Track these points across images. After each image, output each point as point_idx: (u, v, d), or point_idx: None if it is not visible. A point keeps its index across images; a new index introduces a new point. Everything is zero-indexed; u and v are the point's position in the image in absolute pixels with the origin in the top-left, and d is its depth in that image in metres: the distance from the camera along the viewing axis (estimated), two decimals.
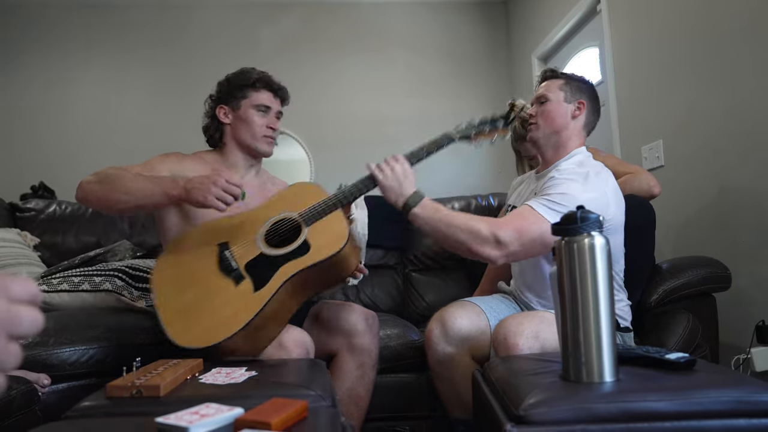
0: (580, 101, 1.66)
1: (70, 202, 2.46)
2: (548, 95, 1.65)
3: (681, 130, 2.44)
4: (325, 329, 1.63)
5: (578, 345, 1.02)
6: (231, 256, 1.44)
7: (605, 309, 1.02)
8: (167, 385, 1.03)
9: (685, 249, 2.36)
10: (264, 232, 1.49)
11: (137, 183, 1.44)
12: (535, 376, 1.08)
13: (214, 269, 1.43)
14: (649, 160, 2.66)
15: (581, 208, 1.07)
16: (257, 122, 1.70)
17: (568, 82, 1.67)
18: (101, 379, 1.65)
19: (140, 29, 4.35)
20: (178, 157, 1.67)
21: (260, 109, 1.71)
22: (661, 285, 1.79)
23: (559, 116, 1.63)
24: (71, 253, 2.26)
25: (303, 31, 4.49)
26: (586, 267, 1.03)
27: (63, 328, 1.68)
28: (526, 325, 1.38)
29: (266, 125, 1.71)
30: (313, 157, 4.45)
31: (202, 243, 1.50)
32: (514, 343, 1.34)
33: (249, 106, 1.71)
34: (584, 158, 1.61)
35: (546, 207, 1.42)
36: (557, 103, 1.64)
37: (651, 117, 2.66)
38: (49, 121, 4.18)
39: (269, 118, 1.72)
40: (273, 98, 1.74)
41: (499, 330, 1.40)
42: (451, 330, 1.55)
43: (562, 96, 1.65)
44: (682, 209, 2.43)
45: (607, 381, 1.01)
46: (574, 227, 1.05)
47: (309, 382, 1.12)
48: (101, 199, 1.46)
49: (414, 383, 1.92)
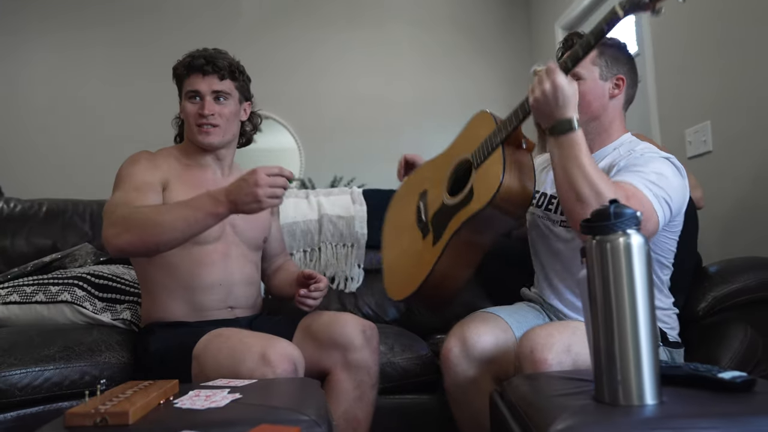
0: (618, 77, 1.62)
1: (19, 199, 2.45)
2: (581, 72, 1.58)
3: (731, 111, 2.43)
4: (316, 343, 1.63)
5: (613, 361, 1.02)
6: (423, 207, 1.74)
7: (645, 319, 1.02)
8: (137, 411, 1.03)
9: (737, 248, 2.36)
10: (448, 177, 1.70)
11: (172, 215, 1.51)
12: (563, 397, 1.08)
13: (412, 222, 1.78)
14: (694, 145, 2.66)
15: (615, 202, 1.07)
16: (189, 111, 1.76)
17: (602, 51, 1.61)
18: (58, 405, 1.65)
19: (102, 1, 4.34)
20: (148, 157, 1.74)
21: (190, 96, 1.76)
22: (710, 291, 1.79)
23: (597, 99, 1.60)
24: (23, 259, 2.25)
25: (292, 2, 4.49)
26: (621, 270, 1.03)
27: (12, 347, 1.67)
28: (557, 337, 1.36)
29: (196, 112, 1.75)
30: (303, 145, 4.46)
31: (410, 192, 1.86)
32: (542, 358, 1.33)
33: (184, 96, 1.79)
34: (641, 145, 1.58)
35: (649, 190, 1.40)
36: (593, 82, 1.60)
37: (696, 95, 2.66)
38: None
39: (200, 103, 1.75)
40: (202, 79, 1.75)
41: (525, 342, 1.39)
42: (474, 349, 1.54)
43: (597, 72, 1.61)
44: (733, 202, 2.42)
45: (648, 404, 1.00)
46: (607, 224, 1.04)
47: (301, 405, 1.12)
48: (141, 246, 1.53)
49: (421, 405, 1.92)
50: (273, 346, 1.42)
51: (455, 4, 4.64)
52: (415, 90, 4.51)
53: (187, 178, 1.75)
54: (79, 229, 2.42)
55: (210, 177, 1.80)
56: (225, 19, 4.35)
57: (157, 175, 1.69)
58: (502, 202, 1.50)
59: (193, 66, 1.75)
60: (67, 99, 4.24)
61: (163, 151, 1.81)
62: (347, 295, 2.50)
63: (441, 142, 1.76)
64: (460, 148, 1.73)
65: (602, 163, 1.58)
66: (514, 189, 1.50)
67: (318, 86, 4.45)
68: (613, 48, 1.64)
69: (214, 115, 1.74)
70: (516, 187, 1.50)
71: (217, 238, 1.72)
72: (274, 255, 2.00)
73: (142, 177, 1.66)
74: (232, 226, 1.76)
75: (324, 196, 2.63)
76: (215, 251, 1.72)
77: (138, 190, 1.62)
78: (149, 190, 1.64)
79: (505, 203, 1.50)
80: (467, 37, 4.60)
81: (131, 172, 1.68)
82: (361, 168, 4.22)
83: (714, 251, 2.45)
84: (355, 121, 4.44)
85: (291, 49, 4.41)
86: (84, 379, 1.67)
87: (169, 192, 1.70)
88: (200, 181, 1.75)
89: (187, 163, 1.80)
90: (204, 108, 1.73)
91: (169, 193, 1.69)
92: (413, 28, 4.57)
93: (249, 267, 1.81)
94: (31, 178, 3.96)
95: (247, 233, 1.80)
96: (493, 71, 4.53)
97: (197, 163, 1.81)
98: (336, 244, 2.53)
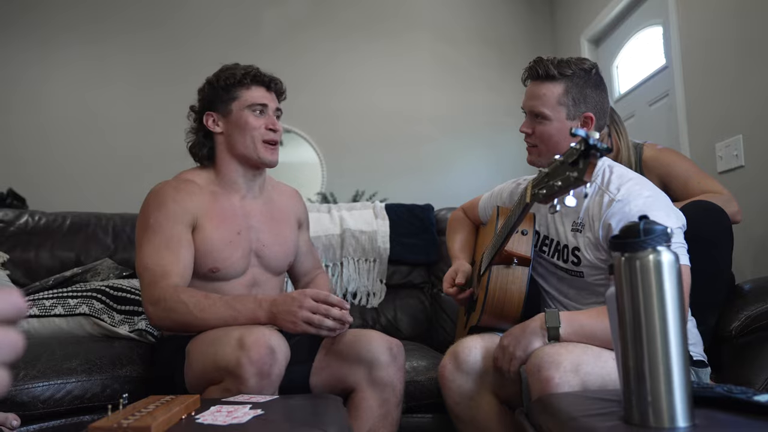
0: (585, 115, 1.60)
1: (43, 212, 2.49)
2: (547, 112, 1.59)
3: (764, 124, 2.40)
4: (340, 360, 1.63)
5: (643, 381, 1.01)
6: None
7: (676, 338, 1.00)
8: (159, 426, 1.04)
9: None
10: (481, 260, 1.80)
11: (215, 314, 1.50)
12: (591, 417, 1.07)
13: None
14: (725, 160, 2.63)
15: (645, 218, 1.06)
16: (254, 124, 1.70)
17: (567, 88, 1.59)
18: (80, 418, 1.68)
19: (123, 12, 4.42)
20: (174, 197, 1.66)
21: (255, 109, 1.71)
22: (743, 310, 1.77)
23: (564, 139, 1.57)
24: (46, 272, 2.29)
25: (312, 13, 4.54)
26: (652, 288, 1.01)
27: (34, 359, 1.70)
28: (565, 355, 1.34)
29: (265, 126, 1.71)
30: (324, 159, 4.48)
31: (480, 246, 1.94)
32: (548, 377, 1.31)
33: (241, 107, 1.70)
34: (615, 170, 1.57)
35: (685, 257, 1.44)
36: (559, 123, 1.59)
37: (727, 108, 2.63)
38: (18, 120, 4.26)
39: (267, 117, 1.72)
40: (267, 93, 1.74)
41: (533, 360, 1.38)
42: (465, 363, 1.57)
43: (563, 113, 1.59)
44: (767, 218, 2.39)
45: (680, 426, 0.99)
46: (636, 241, 1.04)
47: (324, 422, 1.12)
48: (183, 331, 1.58)
49: (443, 425, 1.90)
50: (250, 331, 1.41)
51: (478, 16, 4.64)
52: (437, 103, 4.51)
53: (215, 212, 1.70)
54: (101, 242, 2.45)
55: (237, 203, 1.75)
56: (246, 34, 4.41)
57: (186, 219, 1.64)
58: (488, 324, 1.66)
59: (259, 79, 1.72)
60: (90, 114, 4.31)
61: (187, 181, 1.73)
62: (369, 310, 2.51)
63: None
64: (482, 246, 1.87)
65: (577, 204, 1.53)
66: (494, 321, 1.64)
67: (339, 100, 4.48)
68: (580, 83, 1.60)
69: (278, 131, 1.73)
70: (494, 321, 1.64)
71: (242, 272, 1.72)
72: (305, 273, 1.97)
73: (171, 229, 1.61)
74: (257, 256, 1.75)
75: (346, 211, 2.64)
76: (240, 283, 1.71)
77: (169, 248, 1.60)
78: (180, 247, 1.61)
79: (492, 323, 1.65)
80: (490, 49, 4.60)
81: (159, 221, 1.62)
82: (383, 182, 4.23)
83: (747, 269, 2.41)
84: (377, 135, 4.46)
85: (313, 64, 4.45)
86: (105, 392, 1.69)
87: (199, 232, 1.66)
88: (227, 211, 1.72)
89: (214, 191, 1.73)
90: (274, 123, 1.71)
91: (199, 233, 1.66)
92: (435, 41, 4.58)
93: (270, 293, 1.77)
94: (55, 191, 4.03)
95: (271, 263, 1.79)
96: (517, 84, 4.51)
97: (227, 188, 1.75)
98: (358, 259, 2.54)
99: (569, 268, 1.60)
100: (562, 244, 1.61)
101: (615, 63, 3.87)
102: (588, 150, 1.11)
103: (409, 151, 4.44)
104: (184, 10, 4.45)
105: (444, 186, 4.26)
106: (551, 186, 1.21)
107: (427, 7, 4.63)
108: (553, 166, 1.22)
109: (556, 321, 1.43)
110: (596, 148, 1.09)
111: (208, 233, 1.66)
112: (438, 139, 4.46)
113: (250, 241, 1.73)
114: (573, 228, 1.58)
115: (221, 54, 1.94)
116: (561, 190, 1.18)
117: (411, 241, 2.58)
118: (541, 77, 1.61)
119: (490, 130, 4.51)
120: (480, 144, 4.50)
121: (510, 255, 1.58)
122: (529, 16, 4.67)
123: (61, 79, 4.35)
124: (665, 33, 3.20)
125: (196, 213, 1.66)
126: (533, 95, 1.63)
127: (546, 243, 1.67)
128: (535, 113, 1.62)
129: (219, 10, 4.47)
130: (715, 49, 2.71)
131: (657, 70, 3.38)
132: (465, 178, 4.33)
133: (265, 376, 1.37)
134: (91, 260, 2.34)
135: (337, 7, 4.57)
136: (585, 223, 1.55)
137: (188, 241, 1.63)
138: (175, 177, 1.76)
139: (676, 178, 1.96)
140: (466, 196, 2.22)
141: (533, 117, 1.63)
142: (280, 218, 1.83)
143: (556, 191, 1.19)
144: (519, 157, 4.54)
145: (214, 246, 1.65)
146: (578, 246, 1.56)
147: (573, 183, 1.16)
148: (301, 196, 2.00)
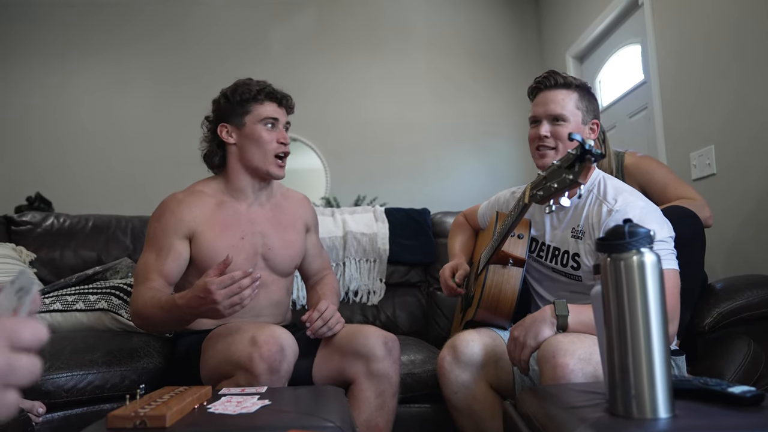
0: (594, 121, 1.64)
1: (68, 214, 2.49)
2: (566, 115, 1.60)
3: (734, 135, 2.40)
4: (340, 354, 1.62)
5: (627, 374, 0.99)
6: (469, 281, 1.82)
7: (658, 334, 0.99)
8: (173, 415, 1.02)
9: (740, 267, 2.31)
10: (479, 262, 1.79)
11: (171, 317, 1.48)
12: (577, 409, 1.05)
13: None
14: (698, 168, 2.62)
15: (629, 222, 1.05)
16: (266, 138, 1.69)
17: (580, 96, 1.63)
18: (100, 406, 1.67)
19: (140, 28, 4.42)
20: (175, 208, 1.66)
21: (267, 123, 1.70)
22: (715, 307, 1.76)
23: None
24: (70, 270, 2.29)
25: (316, 28, 4.54)
26: (635, 287, 1.00)
27: (59, 352, 1.69)
28: (578, 345, 1.32)
29: (276, 140, 1.70)
30: (328, 166, 4.47)
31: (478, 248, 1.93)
32: (563, 363, 1.29)
33: (254, 121, 1.70)
34: (609, 182, 1.58)
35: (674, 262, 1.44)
36: (576, 126, 1.61)
37: (700, 120, 2.62)
38: (45, 128, 4.26)
39: (278, 131, 1.72)
40: (278, 108, 1.73)
41: (547, 347, 1.35)
42: (463, 355, 1.56)
43: (580, 117, 1.62)
44: (737, 222, 2.38)
45: (661, 417, 0.97)
46: (621, 243, 1.02)
47: (327, 411, 1.11)
48: (152, 332, 1.73)
49: (440, 414, 1.89)
50: (262, 330, 1.41)
51: (471, 34, 4.65)
52: (434, 114, 4.51)
53: (217, 220, 1.69)
54: (121, 243, 2.44)
55: (243, 210, 1.74)
56: (256, 49, 4.41)
57: (180, 231, 1.63)
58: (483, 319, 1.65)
59: (272, 95, 1.72)
60: (111, 121, 4.31)
61: (195, 192, 1.72)
62: (369, 307, 2.49)
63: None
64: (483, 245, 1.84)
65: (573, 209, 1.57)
66: (489, 316, 1.63)
67: (343, 111, 4.47)
68: (585, 94, 1.65)
69: (287, 144, 1.72)
70: (489, 316, 1.63)
71: None
72: (314, 273, 1.94)
73: (164, 238, 1.62)
74: (264, 259, 1.74)
75: (348, 214, 2.64)
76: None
77: (158, 255, 1.61)
78: (167, 256, 1.61)
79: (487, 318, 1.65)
80: (484, 64, 4.61)
81: (156, 231, 1.64)
82: (383, 187, 4.22)
83: (719, 269, 2.40)
84: (378, 144, 4.45)
85: (316, 70, 4.45)
86: (124, 383, 1.68)
87: (197, 242, 1.65)
88: (231, 218, 1.71)
89: (222, 200, 1.73)
90: (284, 137, 1.71)
91: (199, 241, 1.65)
92: (432, 56, 4.59)
93: (278, 293, 1.77)
94: (79, 195, 4.02)
95: (278, 265, 1.77)
96: (511, 95, 4.51)
97: (235, 196, 1.74)
98: (360, 259, 2.53)
99: (568, 272, 1.59)
100: (562, 250, 1.60)
101: (598, 78, 3.86)
102: (584, 154, 1.15)
103: (408, 159, 4.43)
104: (195, 27, 4.46)
105: (440, 191, 4.26)
106: (548, 188, 1.24)
107: (425, 25, 4.63)
108: (551, 169, 1.26)
109: (565, 310, 1.41)
110: (591, 152, 1.13)
111: (210, 240, 1.65)
112: (434, 147, 4.45)
113: (256, 245, 1.72)
114: (573, 235, 1.57)
115: (235, 66, 1.94)
116: (557, 191, 1.22)
117: (409, 243, 2.57)
118: (558, 85, 1.64)
119: (483, 139, 4.51)
120: (474, 151, 4.49)
121: (506, 255, 1.58)
122: (519, 34, 4.67)
123: (83, 91, 4.34)
124: (643, 51, 3.20)
125: (193, 224, 1.65)
126: (552, 100, 1.63)
127: (543, 249, 1.67)
128: (554, 116, 1.62)
129: (232, 26, 4.47)
130: (689, 66, 2.70)
131: (636, 85, 3.37)
132: (460, 184, 4.32)
133: (275, 372, 1.37)
134: (111, 259, 2.33)
135: (341, 24, 4.57)
136: (585, 231, 1.55)
137: (177, 251, 1.62)
138: (187, 188, 1.76)
139: (654, 185, 1.95)
140: (460, 200, 2.22)
141: (552, 121, 1.62)
142: (287, 223, 1.82)
143: (553, 192, 1.23)
144: (510, 164, 4.57)
145: (216, 251, 1.64)
146: (578, 252, 1.56)
147: (569, 184, 1.19)
148: (310, 202, 1.99)
